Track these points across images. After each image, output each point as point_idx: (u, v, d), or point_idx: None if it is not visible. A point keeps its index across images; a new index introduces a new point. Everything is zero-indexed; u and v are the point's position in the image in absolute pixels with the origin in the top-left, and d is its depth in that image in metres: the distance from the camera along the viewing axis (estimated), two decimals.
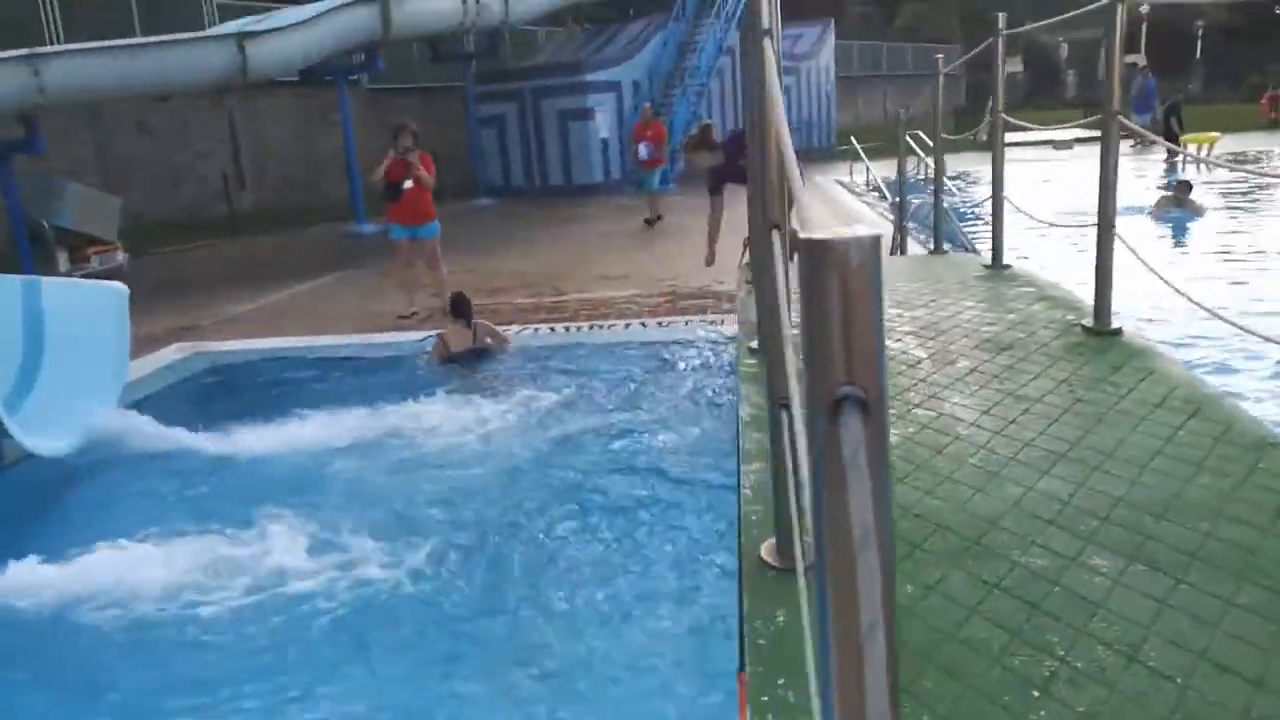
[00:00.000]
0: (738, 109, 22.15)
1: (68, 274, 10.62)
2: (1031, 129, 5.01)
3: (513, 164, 20.72)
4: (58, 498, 5.10)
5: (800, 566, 1.55)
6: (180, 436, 5.65)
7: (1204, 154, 18.44)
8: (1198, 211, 11.01)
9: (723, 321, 7.38)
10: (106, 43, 11.58)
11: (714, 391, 5.75)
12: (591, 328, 7.63)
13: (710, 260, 7.79)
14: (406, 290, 8.64)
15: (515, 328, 7.76)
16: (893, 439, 2.68)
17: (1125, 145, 18.38)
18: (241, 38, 11.98)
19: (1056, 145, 20.59)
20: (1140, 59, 30.79)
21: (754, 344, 3.59)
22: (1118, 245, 3.23)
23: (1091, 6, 3.09)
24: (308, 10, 13.61)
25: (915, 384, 3.03)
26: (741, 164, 7.03)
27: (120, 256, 12.34)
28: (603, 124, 18.67)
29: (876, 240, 0.67)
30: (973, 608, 1.96)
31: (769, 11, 1.86)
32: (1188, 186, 11.02)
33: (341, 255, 13.26)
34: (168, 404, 6.52)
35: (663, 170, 15.05)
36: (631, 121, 19.97)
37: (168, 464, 5.36)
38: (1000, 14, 4.27)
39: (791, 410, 2.06)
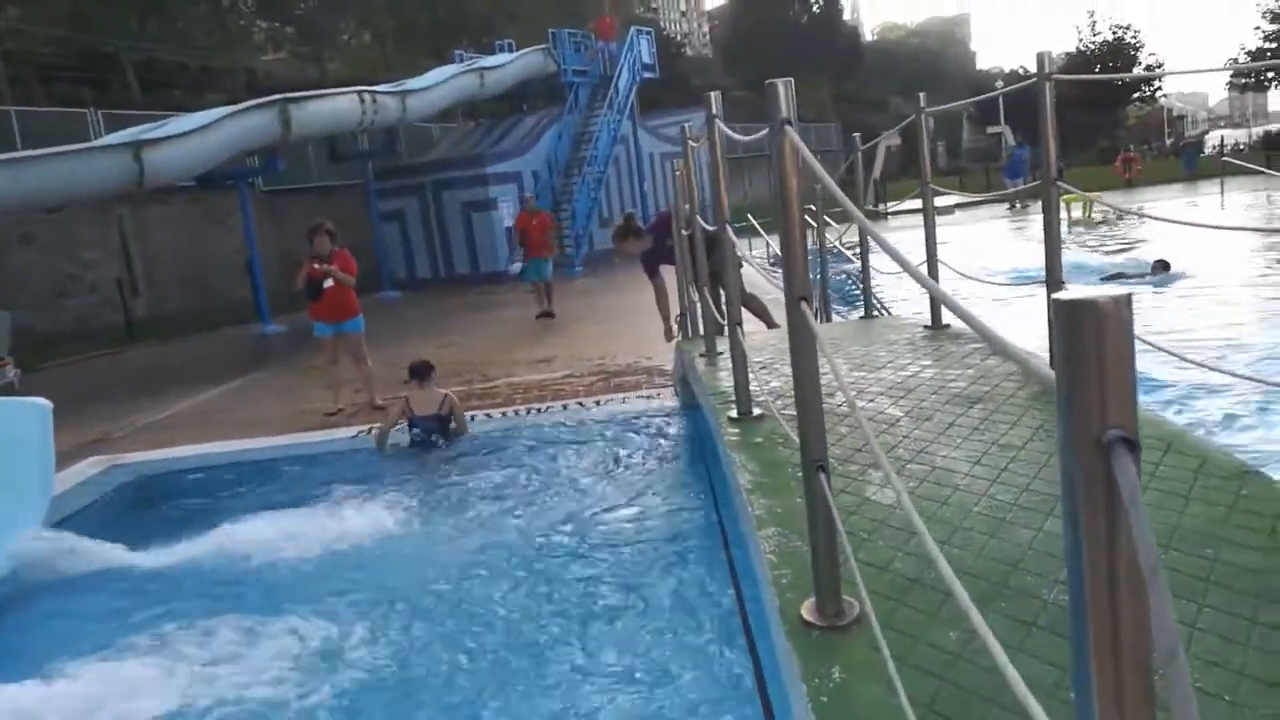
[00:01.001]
0: (635, 192, 22.76)
1: None
2: (957, 194, 5.32)
3: (416, 255, 20.71)
4: None
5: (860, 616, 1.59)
6: (110, 553, 5.36)
7: (1088, 214, 19.79)
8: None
9: (659, 395, 7.48)
10: None
11: (680, 464, 5.80)
12: (529, 411, 7.62)
13: (669, 335, 7.92)
14: (333, 387, 8.50)
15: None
16: (892, 497, 2.79)
17: (1002, 209, 19.68)
18: (138, 147, 11.79)
19: (939, 211, 21.71)
20: (1006, 129, 33.05)
21: (733, 413, 3.68)
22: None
23: (1019, 84, 3.36)
24: (205, 116, 13.51)
25: (901, 440, 3.15)
26: (669, 245, 7.29)
27: (11, 372, 11.71)
28: (506, 213, 18.88)
29: (1130, 298, 0.76)
30: (1017, 647, 2.03)
31: (786, 100, 1.98)
32: (1165, 265, 11.34)
33: (250, 357, 12.92)
34: (91, 521, 6.18)
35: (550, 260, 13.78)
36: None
37: (99, 584, 5.08)
38: (921, 93, 4.59)
39: (828, 471, 2.15)
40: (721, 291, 5.30)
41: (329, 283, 8.06)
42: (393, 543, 5.22)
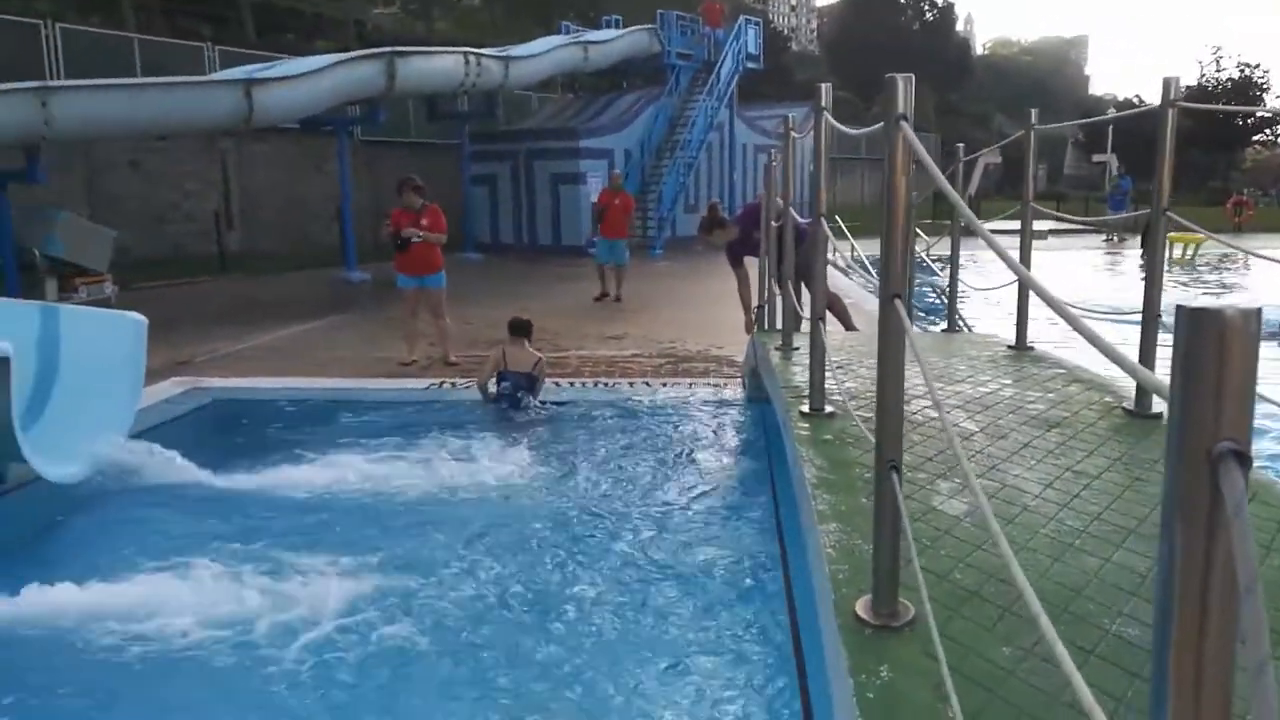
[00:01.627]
0: (725, 181, 22.67)
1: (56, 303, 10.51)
2: (1062, 218, 5.20)
3: (501, 221, 20.96)
4: (64, 523, 5.01)
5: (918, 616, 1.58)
6: (186, 470, 5.59)
7: (1188, 255, 19.14)
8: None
9: (726, 385, 7.49)
10: (115, 80, 11.67)
11: (742, 455, 5.81)
12: (595, 384, 7.69)
13: (750, 326, 7.91)
14: (409, 339, 8.68)
15: None
16: (963, 507, 2.76)
17: (1098, 239, 19.09)
18: (249, 84, 12.13)
19: (1034, 235, 21.18)
20: (1112, 158, 32.05)
21: (804, 408, 3.68)
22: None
23: (1139, 109, 3.27)
24: (315, 61, 13.84)
25: (973, 455, 3.12)
26: (756, 237, 7.27)
27: (109, 289, 12.23)
28: (594, 189, 18.96)
29: (1259, 313, 0.76)
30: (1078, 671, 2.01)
31: (904, 96, 1.97)
32: None
33: (333, 301, 13.26)
34: (170, 438, 6.42)
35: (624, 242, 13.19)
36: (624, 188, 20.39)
37: (174, 497, 5.30)
38: (1033, 109, 4.50)
39: (901, 471, 2.15)
40: (805, 287, 5.27)
41: (416, 238, 8.24)
42: (448, 495, 5.33)
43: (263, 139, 18.39)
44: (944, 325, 6.58)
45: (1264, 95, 44.22)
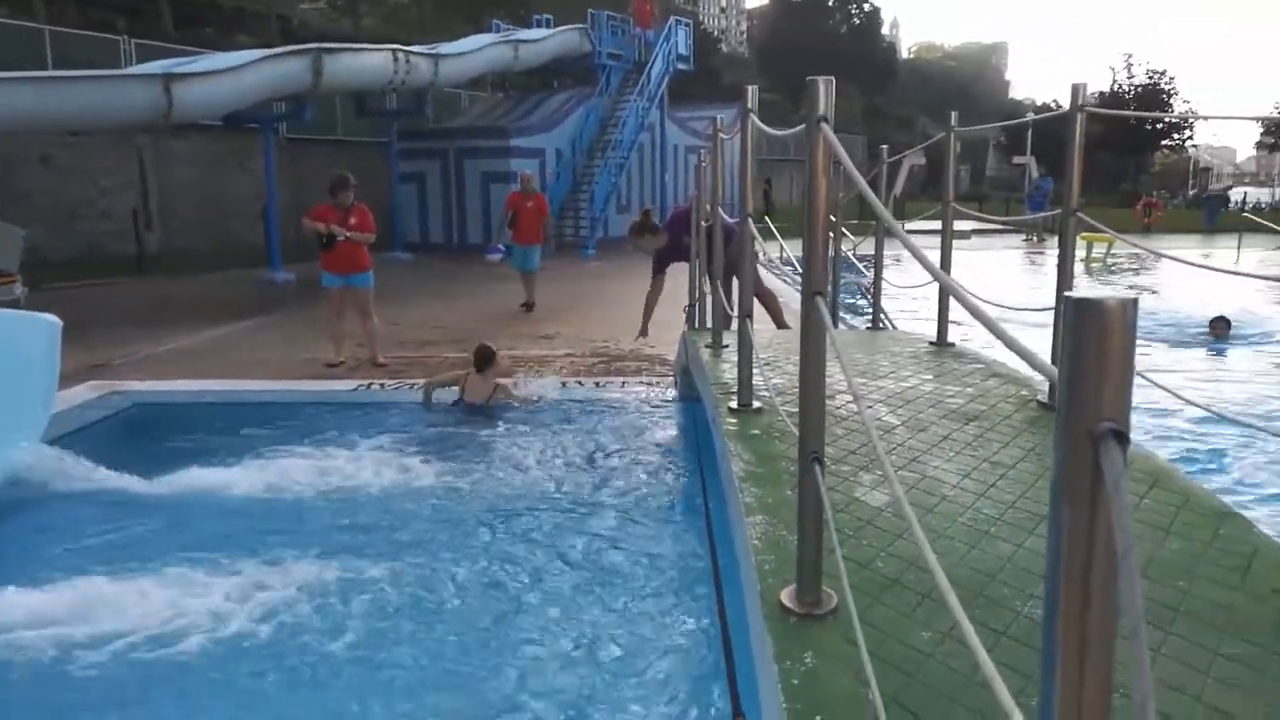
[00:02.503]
0: (656, 182, 22.77)
1: None
2: (982, 218, 5.37)
3: (431, 220, 20.75)
4: None
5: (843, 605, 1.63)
6: (104, 476, 5.43)
7: (1102, 254, 19.84)
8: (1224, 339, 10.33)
9: (658, 383, 7.55)
10: (28, 74, 11.24)
11: (672, 451, 5.86)
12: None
13: (644, 332, 8.01)
14: (335, 339, 8.55)
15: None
16: (885, 498, 2.85)
17: (1019, 239, 19.70)
18: (168, 79, 11.81)
19: (956, 235, 21.78)
20: (1031, 160, 33.06)
21: (733, 404, 3.74)
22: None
23: (1052, 114, 3.41)
24: (239, 57, 13.54)
25: (895, 448, 3.21)
26: (685, 242, 7.34)
27: (18, 290, 11.74)
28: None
29: (1135, 302, 0.82)
30: (986, 652, 2.09)
31: (825, 98, 2.03)
32: (1225, 322, 10.40)
33: (257, 301, 12.98)
34: (86, 443, 6.24)
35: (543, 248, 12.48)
36: (555, 190, 20.32)
37: (90, 504, 5.15)
38: (954, 113, 4.64)
39: (823, 463, 2.21)
40: (735, 284, 5.35)
41: (343, 236, 8.12)
42: (375, 495, 5.29)
43: (183, 135, 17.89)
44: (869, 322, 6.73)
45: (1171, 101, 46.10)
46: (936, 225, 5.07)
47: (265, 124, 15.52)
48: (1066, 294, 0.84)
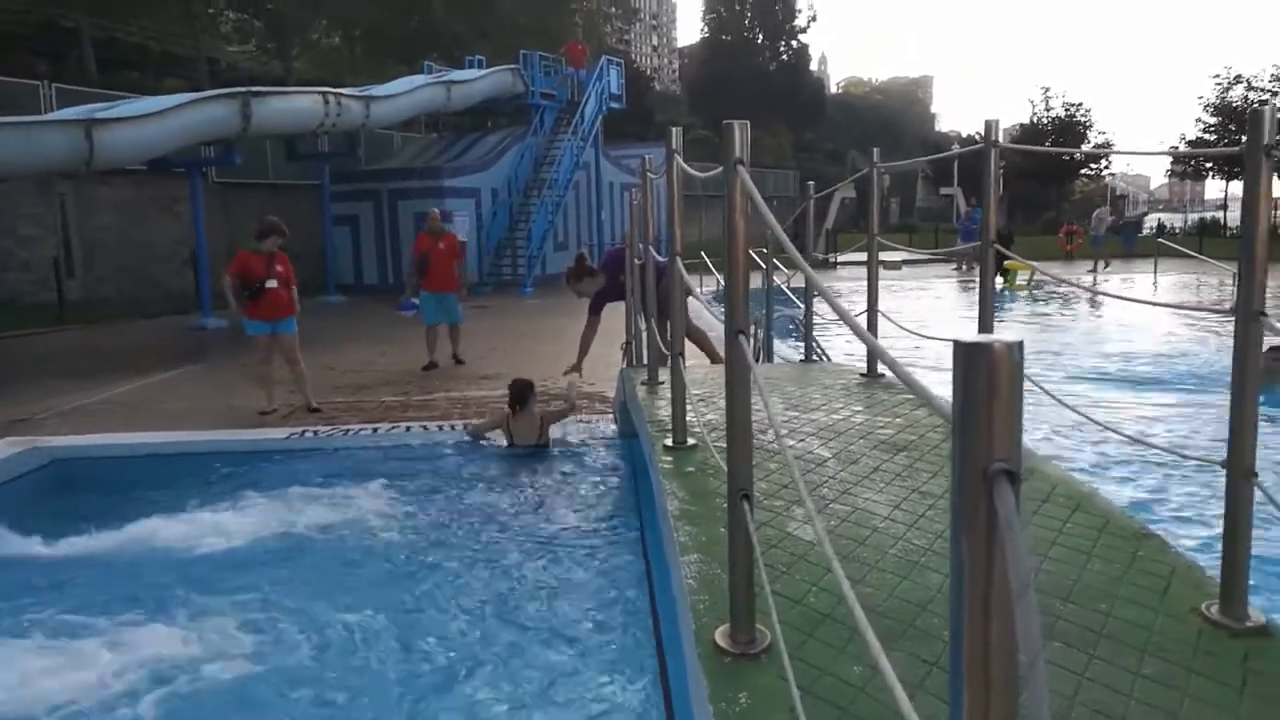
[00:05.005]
0: (593, 219, 22.90)
1: None
2: (901, 250, 5.49)
3: (365, 261, 20.55)
4: None
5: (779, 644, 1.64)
6: (20, 538, 5.23)
7: (1027, 281, 20.40)
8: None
9: (597, 420, 7.53)
10: None
11: (611, 490, 5.83)
12: (465, 426, 7.59)
13: (577, 369, 8.00)
14: (266, 387, 8.38)
15: (385, 425, 7.67)
16: (813, 534, 2.87)
17: (949, 268, 20.12)
18: (90, 125, 11.58)
19: (887, 265, 22.30)
20: (958, 191, 34.03)
21: (668, 441, 3.74)
22: None
23: (967, 149, 3.52)
24: (163, 101, 13.33)
25: (826, 481, 3.24)
26: (622, 281, 7.37)
27: None
28: (461, 228, 18.83)
29: (1022, 345, 0.84)
30: (917, 685, 2.11)
31: (740, 142, 2.07)
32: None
33: (188, 349, 12.68)
34: (5, 502, 6.02)
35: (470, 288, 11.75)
36: (492, 229, 20.31)
37: (5, 567, 4.94)
38: (875, 149, 4.76)
39: (752, 500, 2.22)
40: (668, 322, 5.38)
41: (271, 282, 8.00)
42: (307, 544, 5.18)
43: (106, 181, 17.49)
44: (802, 355, 6.81)
45: (1087, 131, 47.87)
46: (865, 256, 5.17)
47: (192, 168, 15.27)
48: (955, 339, 0.86)
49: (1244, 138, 2.16)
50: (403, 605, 4.23)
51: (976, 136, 58.35)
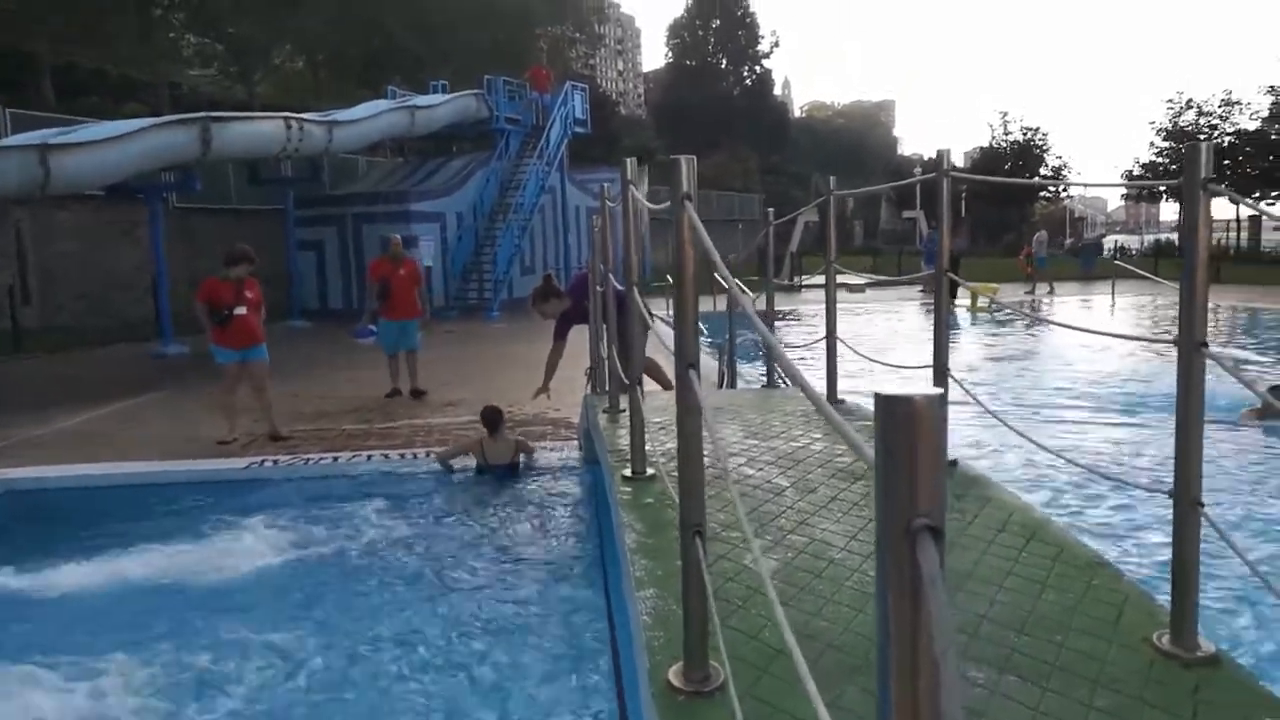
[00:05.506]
0: (559, 243, 22.89)
1: None
2: (855, 275, 5.52)
3: (330, 286, 20.39)
4: None
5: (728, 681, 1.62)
6: None
7: (988, 304, 20.64)
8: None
9: (564, 447, 7.49)
10: None
11: (576, 520, 5.79)
12: (428, 455, 7.51)
13: (545, 390, 7.95)
14: (229, 415, 8.25)
15: (346, 454, 7.57)
16: (773, 563, 2.85)
17: (914, 290, 20.26)
18: (44, 150, 11.39)
19: (850, 288, 22.49)
20: (920, 214, 34.45)
21: (627, 471, 3.72)
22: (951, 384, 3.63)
23: (921, 177, 3.56)
24: (121, 126, 13.16)
25: (784, 511, 3.24)
26: (586, 305, 7.36)
27: None
28: (426, 252, 18.75)
29: (944, 397, 0.84)
30: None
31: (687, 176, 2.06)
32: None
33: (148, 376, 12.46)
34: None
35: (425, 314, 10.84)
36: (457, 253, 20.23)
37: None
38: (831, 177, 4.80)
39: (705, 536, 2.20)
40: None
41: (241, 309, 7.91)
42: (263, 577, 5.09)
43: (64, 206, 17.22)
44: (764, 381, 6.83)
45: (1044, 154, 48.75)
46: (841, 278, 5.19)
47: (152, 194, 15.09)
48: (877, 391, 0.85)
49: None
50: (357, 639, 4.16)
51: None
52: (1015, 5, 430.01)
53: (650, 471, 3.71)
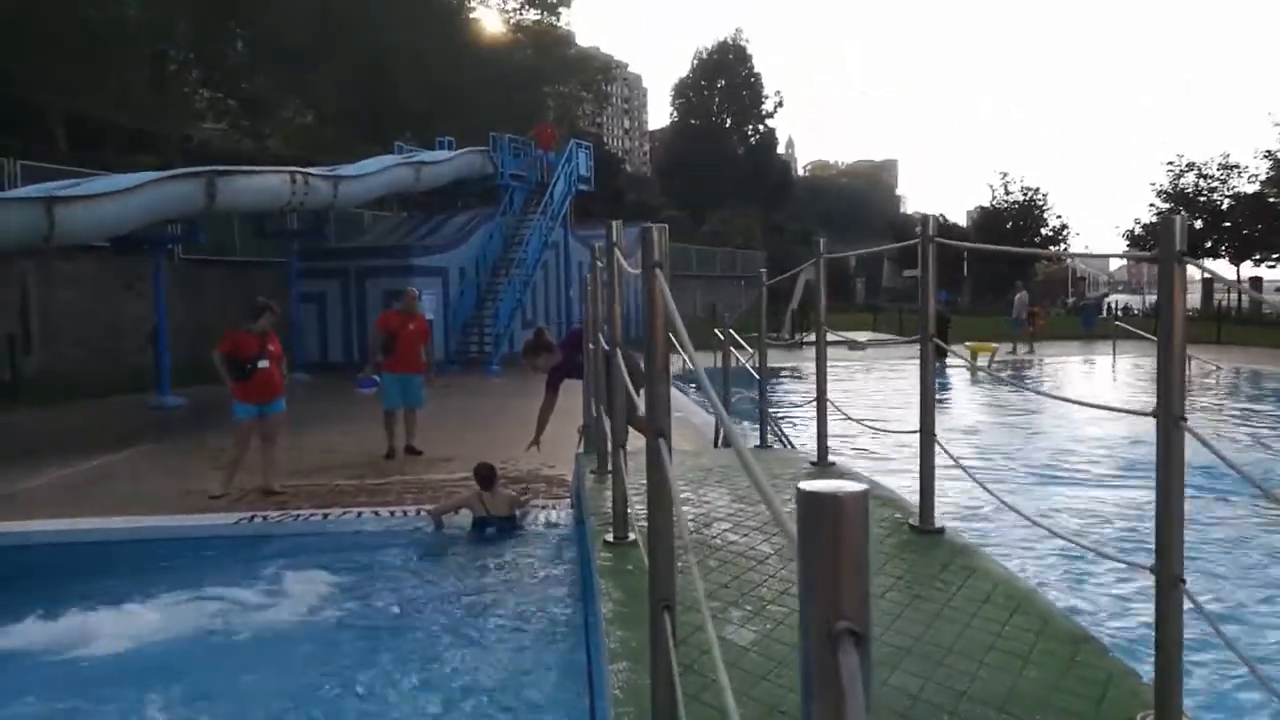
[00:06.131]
0: (561, 298, 23.00)
1: None
2: (851, 339, 5.51)
3: (331, 339, 20.43)
4: None
5: None
6: None
7: (987, 363, 20.65)
8: None
9: (555, 506, 7.42)
10: None
11: (563, 583, 5.70)
12: (417, 513, 7.44)
13: (536, 443, 7.91)
14: (231, 471, 8.16)
15: (336, 510, 7.51)
16: (752, 635, 2.79)
17: (914, 348, 20.13)
18: (50, 202, 11.53)
19: (852, 346, 22.51)
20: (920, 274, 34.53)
21: (609, 536, 3.67)
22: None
23: (906, 243, 3.57)
24: (127, 179, 13.31)
25: (766, 580, 3.18)
26: (578, 360, 7.36)
27: None
28: (428, 307, 18.80)
29: (866, 494, 0.81)
30: None
31: (658, 246, 2.06)
32: None
33: (145, 428, 12.43)
34: None
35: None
36: (459, 307, 20.31)
37: None
38: (821, 239, 4.82)
39: (674, 611, 2.15)
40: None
41: (264, 362, 7.94)
42: (244, 638, 5.02)
43: (69, 257, 17.35)
44: (757, 441, 6.78)
45: (1044, 214, 49.22)
46: (842, 336, 5.17)
47: (156, 245, 15.22)
48: (799, 485, 0.82)
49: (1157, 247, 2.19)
50: (337, 700, 4.07)
51: (942, 219, 59.66)
52: (1022, 65, 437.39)
53: (633, 536, 3.66)
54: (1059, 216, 50.79)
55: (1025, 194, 49.74)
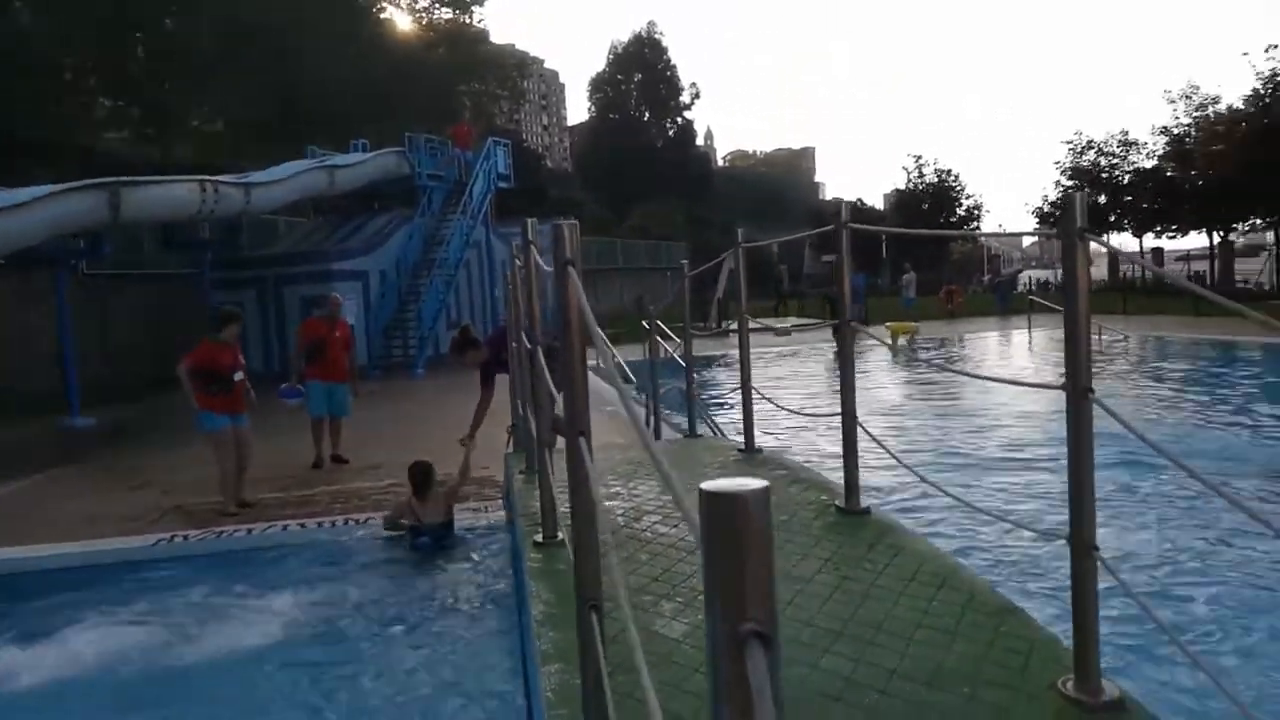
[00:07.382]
0: (486, 297, 22.77)
1: None
2: (773, 325, 5.55)
3: (251, 348, 19.79)
4: None
5: None
6: None
7: (907, 342, 21.05)
8: None
9: (487, 509, 7.34)
10: None
11: (495, 587, 5.63)
12: (346, 522, 7.29)
13: (471, 438, 7.80)
14: (229, 483, 7.97)
15: (262, 525, 7.31)
16: (684, 628, 2.78)
17: (829, 331, 20.27)
18: None
19: (776, 331, 22.76)
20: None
21: (539, 537, 3.63)
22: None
23: (823, 229, 3.60)
24: (22, 194, 12.71)
25: (697, 571, 3.17)
26: (503, 356, 7.29)
27: None
28: (349, 312, 18.43)
29: (767, 491, 0.79)
30: None
31: (570, 243, 2.03)
32: None
33: (52, 451, 11.92)
34: None
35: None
36: (380, 310, 19.95)
37: None
38: (740, 229, 4.83)
39: (601, 610, 2.13)
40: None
41: (239, 374, 7.86)
42: (172, 662, 4.84)
43: None
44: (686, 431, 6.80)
45: (958, 195, 50.50)
46: (763, 323, 5.20)
47: (57, 260, 14.60)
48: (701, 486, 0.80)
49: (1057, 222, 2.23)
50: (271, 710, 3.96)
51: (859, 204, 60.80)
52: (932, 49, 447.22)
53: (561, 536, 3.62)
54: (970, 196, 52.07)
55: (939, 176, 50.92)
